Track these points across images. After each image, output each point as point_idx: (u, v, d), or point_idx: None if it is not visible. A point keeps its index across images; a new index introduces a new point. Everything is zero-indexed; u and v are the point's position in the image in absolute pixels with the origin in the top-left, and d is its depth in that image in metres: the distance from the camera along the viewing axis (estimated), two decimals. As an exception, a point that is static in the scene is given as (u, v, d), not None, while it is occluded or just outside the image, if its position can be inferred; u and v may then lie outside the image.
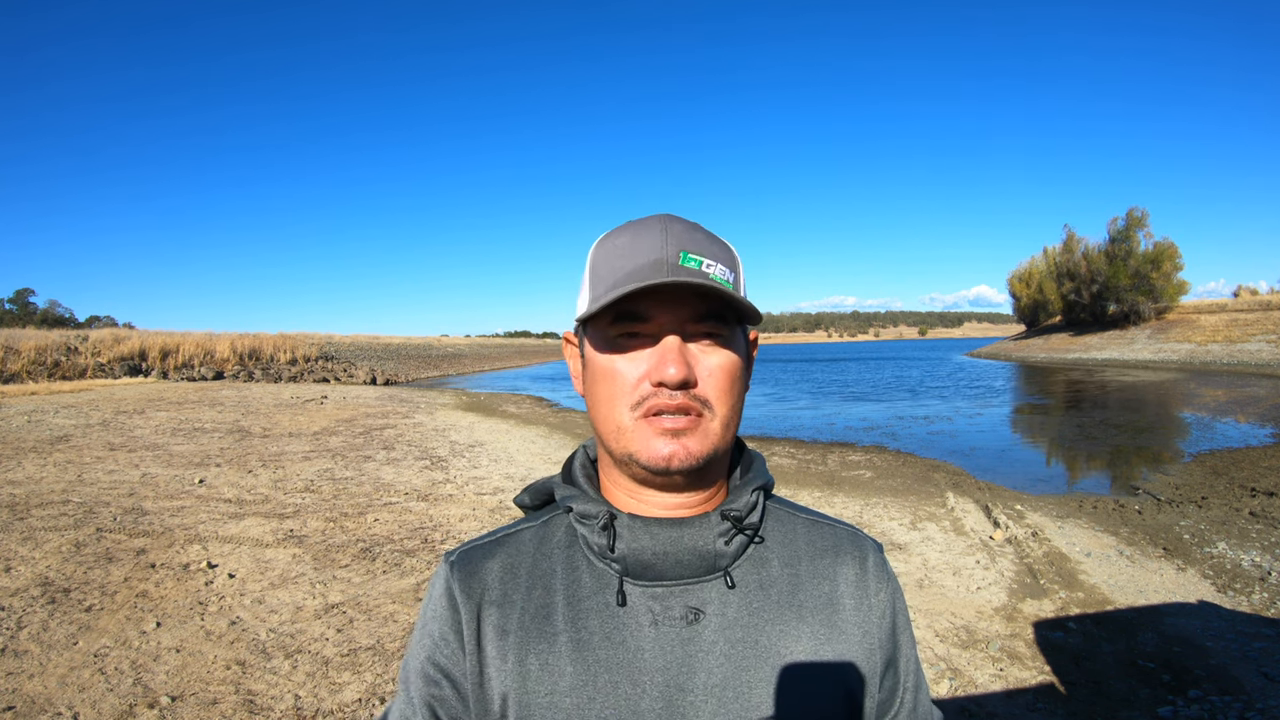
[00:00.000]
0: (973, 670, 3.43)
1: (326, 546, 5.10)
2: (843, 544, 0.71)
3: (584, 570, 0.65)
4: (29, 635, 3.47)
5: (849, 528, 0.73)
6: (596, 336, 0.65)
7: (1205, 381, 24.30)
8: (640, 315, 0.61)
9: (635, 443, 0.62)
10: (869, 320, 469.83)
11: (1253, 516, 6.24)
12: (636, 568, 0.63)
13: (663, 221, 0.63)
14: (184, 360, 28.18)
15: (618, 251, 0.63)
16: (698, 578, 0.64)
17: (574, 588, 0.64)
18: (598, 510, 0.65)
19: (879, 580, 0.70)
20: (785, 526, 0.71)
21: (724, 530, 0.64)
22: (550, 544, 0.68)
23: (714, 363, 0.63)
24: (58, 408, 13.31)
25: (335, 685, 3.15)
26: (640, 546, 0.63)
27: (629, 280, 0.60)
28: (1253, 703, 3.05)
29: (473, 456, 9.64)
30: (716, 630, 0.63)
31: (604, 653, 0.61)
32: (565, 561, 0.67)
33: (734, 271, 0.65)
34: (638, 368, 0.62)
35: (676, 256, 0.61)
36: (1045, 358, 44.58)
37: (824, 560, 0.69)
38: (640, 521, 0.64)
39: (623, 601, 0.63)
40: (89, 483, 6.95)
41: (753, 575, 0.66)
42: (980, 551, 5.31)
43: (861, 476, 8.63)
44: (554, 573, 0.66)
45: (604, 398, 0.64)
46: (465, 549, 0.69)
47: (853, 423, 15.07)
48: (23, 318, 62.44)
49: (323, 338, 44.63)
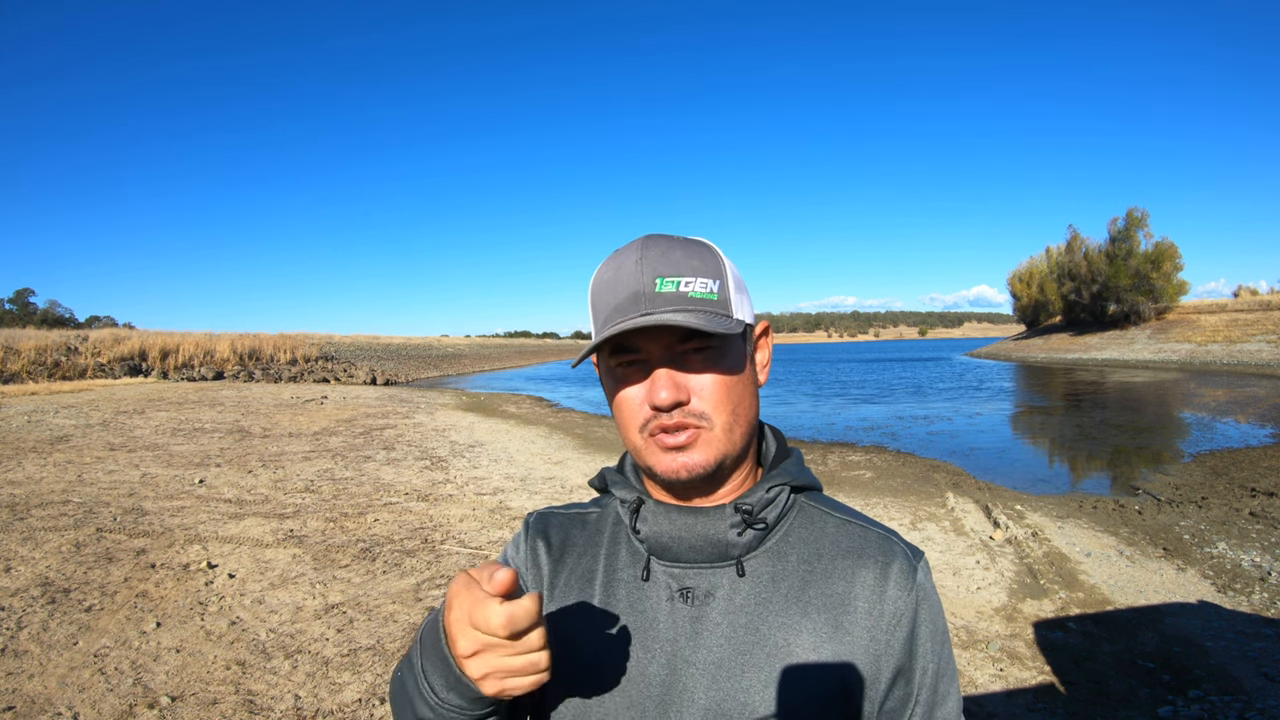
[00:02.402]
0: (973, 670, 3.43)
1: (326, 547, 5.10)
2: (869, 547, 0.71)
3: (624, 547, 0.76)
4: (29, 635, 3.47)
5: (883, 532, 0.73)
6: (604, 367, 0.73)
7: (1205, 381, 24.29)
8: (631, 347, 0.68)
9: (649, 458, 0.69)
10: (869, 320, 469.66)
11: (1253, 516, 6.24)
12: (658, 548, 0.71)
13: (640, 249, 0.68)
14: (184, 360, 28.18)
15: (605, 285, 0.69)
16: (710, 563, 0.70)
17: (613, 559, 0.75)
18: (631, 496, 0.74)
19: (901, 587, 0.69)
20: (814, 525, 0.73)
21: (735, 522, 0.69)
22: (605, 522, 0.79)
23: (705, 378, 0.67)
24: (58, 408, 13.31)
25: (335, 685, 3.15)
26: (660, 530, 0.71)
27: (616, 315, 0.67)
28: (1253, 703, 3.05)
29: (473, 457, 9.64)
30: (722, 613, 0.68)
31: (626, 619, 0.70)
32: (611, 537, 0.77)
33: (717, 278, 0.68)
34: (638, 393, 0.68)
35: (652, 284, 0.66)
36: (1045, 358, 44.57)
37: (844, 560, 0.70)
38: (663, 508, 0.71)
39: (647, 577, 0.72)
40: (89, 483, 6.95)
41: (766, 567, 0.70)
42: (980, 551, 5.31)
43: (862, 476, 8.63)
44: (601, 544, 0.77)
45: (620, 422, 0.72)
46: (543, 512, 0.83)
47: (853, 423, 15.07)
48: (23, 318, 62.43)
49: (323, 338, 44.64)
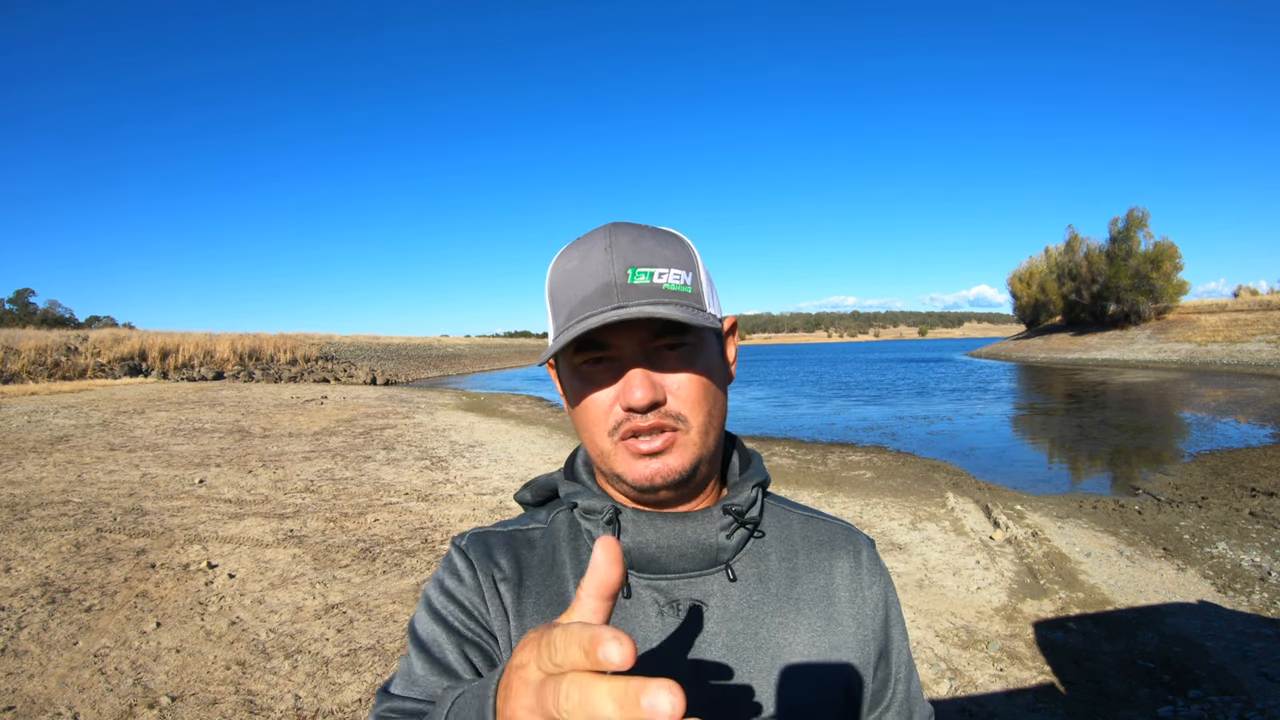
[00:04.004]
0: (973, 670, 3.43)
1: (326, 547, 5.10)
2: (837, 539, 0.73)
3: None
4: (29, 635, 3.47)
5: (842, 523, 0.75)
6: (565, 366, 0.65)
7: (1205, 381, 24.28)
8: (600, 344, 0.61)
9: (619, 464, 0.63)
10: (869, 320, 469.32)
11: (1253, 516, 6.24)
12: (641, 560, 0.64)
13: (608, 236, 0.62)
14: (184, 360, 28.18)
15: (569, 276, 0.63)
16: (700, 571, 0.65)
17: (583, 579, 0.65)
18: (602, 505, 0.66)
19: (872, 574, 0.72)
20: (782, 521, 0.73)
21: (726, 524, 0.66)
22: (557, 538, 0.70)
23: (681, 377, 0.62)
24: (58, 408, 13.31)
25: (335, 685, 3.15)
26: (645, 540, 0.64)
27: (584, 308, 0.60)
28: (1253, 703, 3.05)
29: (473, 457, 9.64)
30: (719, 622, 0.64)
31: None
32: (573, 555, 0.68)
33: (690, 270, 0.64)
34: (608, 394, 0.62)
35: (624, 275, 0.60)
36: (1045, 358, 44.56)
37: (819, 554, 0.71)
38: (645, 515, 0.65)
39: (628, 594, 0.64)
40: (89, 483, 6.94)
41: (752, 569, 0.68)
42: (980, 552, 5.31)
43: (862, 477, 8.63)
44: (562, 564, 0.67)
45: (584, 424, 0.65)
46: (476, 533, 0.70)
47: (853, 423, 15.06)
48: (23, 318, 62.44)
49: (323, 338, 44.63)
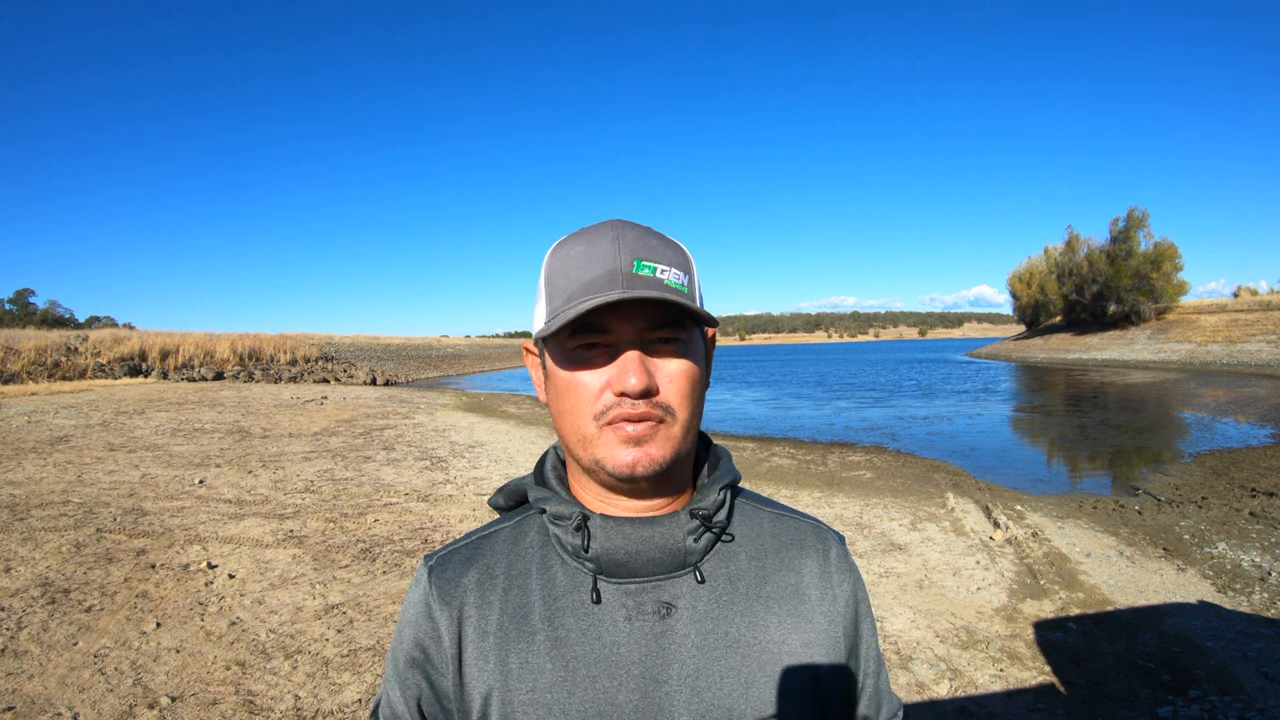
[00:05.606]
0: (973, 670, 3.43)
1: (326, 547, 5.10)
2: (806, 537, 0.74)
3: (558, 570, 0.67)
4: (29, 635, 3.47)
5: (812, 521, 0.77)
6: (556, 349, 0.65)
7: (1205, 381, 24.28)
8: (599, 328, 0.62)
9: (601, 450, 0.63)
10: (869, 320, 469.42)
11: (1253, 517, 6.24)
12: (610, 566, 0.65)
13: (615, 229, 0.64)
14: (184, 360, 28.18)
15: (572, 262, 0.64)
16: (669, 574, 0.66)
17: (550, 587, 0.66)
18: (571, 511, 0.67)
19: (841, 571, 0.73)
20: (752, 521, 0.74)
21: (693, 528, 0.67)
22: (524, 544, 0.70)
23: (674, 369, 0.64)
24: (58, 408, 13.31)
25: (335, 686, 3.15)
26: (613, 546, 0.65)
27: (586, 292, 0.61)
28: (1253, 703, 3.05)
29: (473, 457, 9.64)
30: (688, 623, 0.65)
31: (581, 649, 0.63)
32: (540, 561, 0.68)
33: (688, 274, 0.66)
34: (599, 378, 0.63)
35: (630, 265, 0.62)
36: (1045, 358, 44.56)
37: (789, 553, 0.72)
38: (613, 521, 0.66)
39: (597, 599, 0.65)
40: (89, 483, 6.94)
41: (721, 569, 0.69)
42: (980, 552, 5.31)
43: (862, 477, 8.63)
44: (529, 572, 0.68)
45: (568, 408, 0.65)
46: (443, 554, 0.72)
47: (853, 423, 15.06)
48: (23, 318, 62.42)
49: (323, 338, 44.63)
